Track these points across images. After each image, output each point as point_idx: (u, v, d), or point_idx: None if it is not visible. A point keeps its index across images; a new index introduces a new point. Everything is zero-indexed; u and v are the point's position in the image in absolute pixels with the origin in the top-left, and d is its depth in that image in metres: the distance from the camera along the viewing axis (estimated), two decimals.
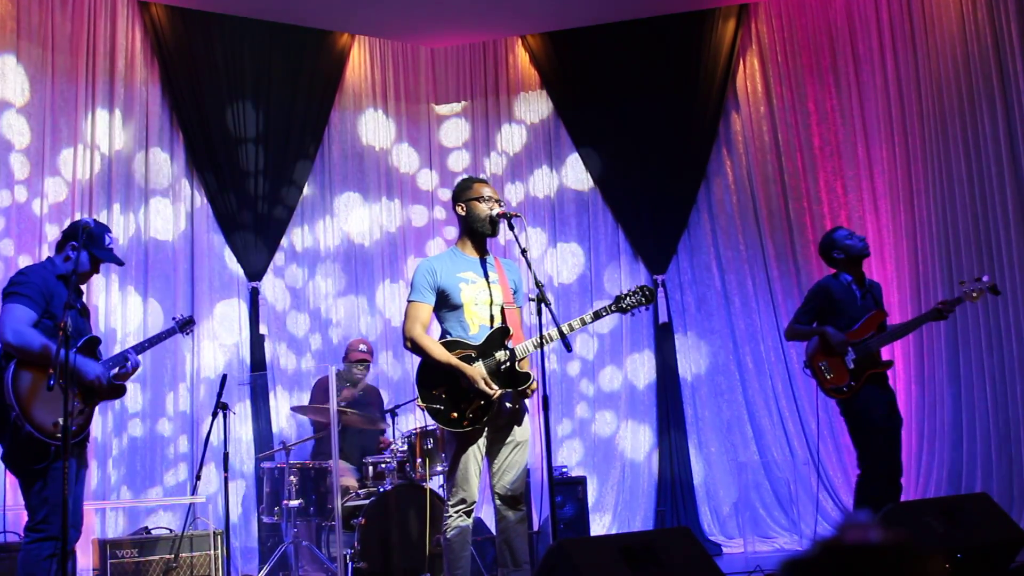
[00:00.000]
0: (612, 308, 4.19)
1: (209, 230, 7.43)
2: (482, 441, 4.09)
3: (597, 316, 4.15)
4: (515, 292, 4.29)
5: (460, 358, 4.07)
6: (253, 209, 7.49)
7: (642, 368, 7.92)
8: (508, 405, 4.15)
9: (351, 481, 6.32)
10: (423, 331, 4.16)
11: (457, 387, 4.06)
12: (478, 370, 4.04)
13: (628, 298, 4.20)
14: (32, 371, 3.91)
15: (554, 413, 7.60)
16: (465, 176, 4.50)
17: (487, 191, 4.24)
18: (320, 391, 6.77)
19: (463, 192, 4.27)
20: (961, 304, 5.27)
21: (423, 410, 5.18)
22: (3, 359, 3.92)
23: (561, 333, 3.90)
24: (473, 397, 4.05)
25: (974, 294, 5.17)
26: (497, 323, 4.17)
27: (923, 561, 1.23)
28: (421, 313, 4.15)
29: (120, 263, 4.43)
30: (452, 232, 8.10)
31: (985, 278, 5.23)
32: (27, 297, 3.94)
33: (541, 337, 3.97)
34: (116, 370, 4.26)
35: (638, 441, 7.80)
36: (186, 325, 4.74)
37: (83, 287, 4.31)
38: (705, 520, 7.53)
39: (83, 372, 4.01)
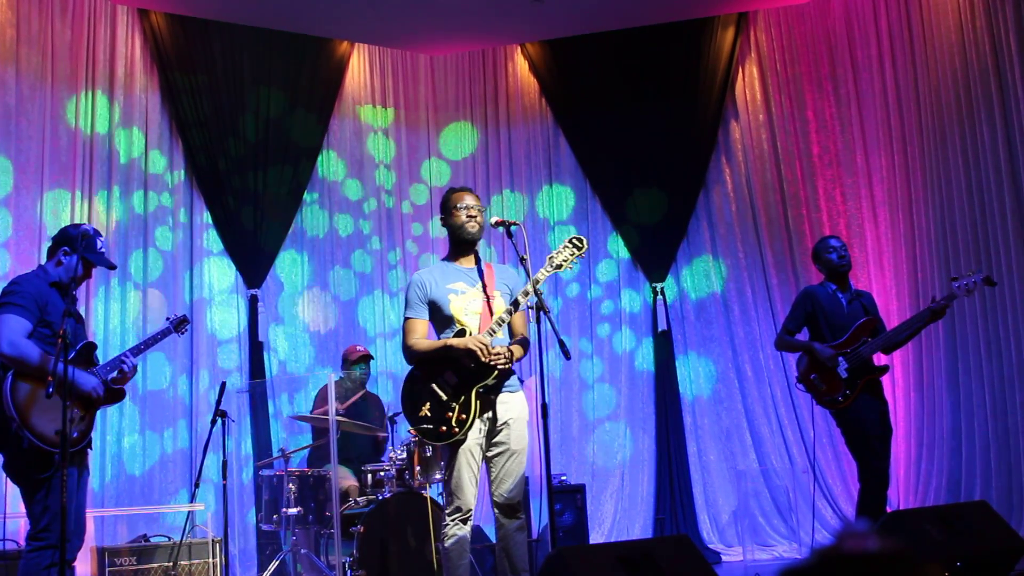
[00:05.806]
0: (549, 270, 4.14)
1: (208, 236, 7.43)
2: (476, 449, 4.08)
3: (536, 283, 4.07)
4: (510, 296, 4.29)
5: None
6: (252, 215, 7.49)
7: (641, 376, 7.92)
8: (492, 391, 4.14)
9: (351, 482, 6.29)
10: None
11: (438, 400, 4.07)
12: (466, 338, 4.06)
13: (559, 256, 4.17)
14: (30, 381, 3.90)
15: (554, 422, 7.58)
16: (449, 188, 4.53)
17: (466, 199, 4.29)
18: (321, 399, 6.77)
19: (444, 204, 4.36)
20: (956, 299, 5.21)
21: (416, 435, 5.23)
22: (0, 370, 3.91)
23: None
24: (453, 397, 4.05)
25: (966, 291, 5.12)
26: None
27: (922, 570, 1.23)
28: (417, 328, 4.21)
29: (113, 267, 4.44)
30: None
31: (978, 272, 5.16)
32: (21, 307, 3.93)
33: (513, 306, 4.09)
34: (115, 374, 4.26)
35: (638, 449, 7.79)
36: (180, 324, 4.72)
37: (77, 294, 4.30)
38: (704, 528, 7.52)
39: (80, 384, 4.00)
